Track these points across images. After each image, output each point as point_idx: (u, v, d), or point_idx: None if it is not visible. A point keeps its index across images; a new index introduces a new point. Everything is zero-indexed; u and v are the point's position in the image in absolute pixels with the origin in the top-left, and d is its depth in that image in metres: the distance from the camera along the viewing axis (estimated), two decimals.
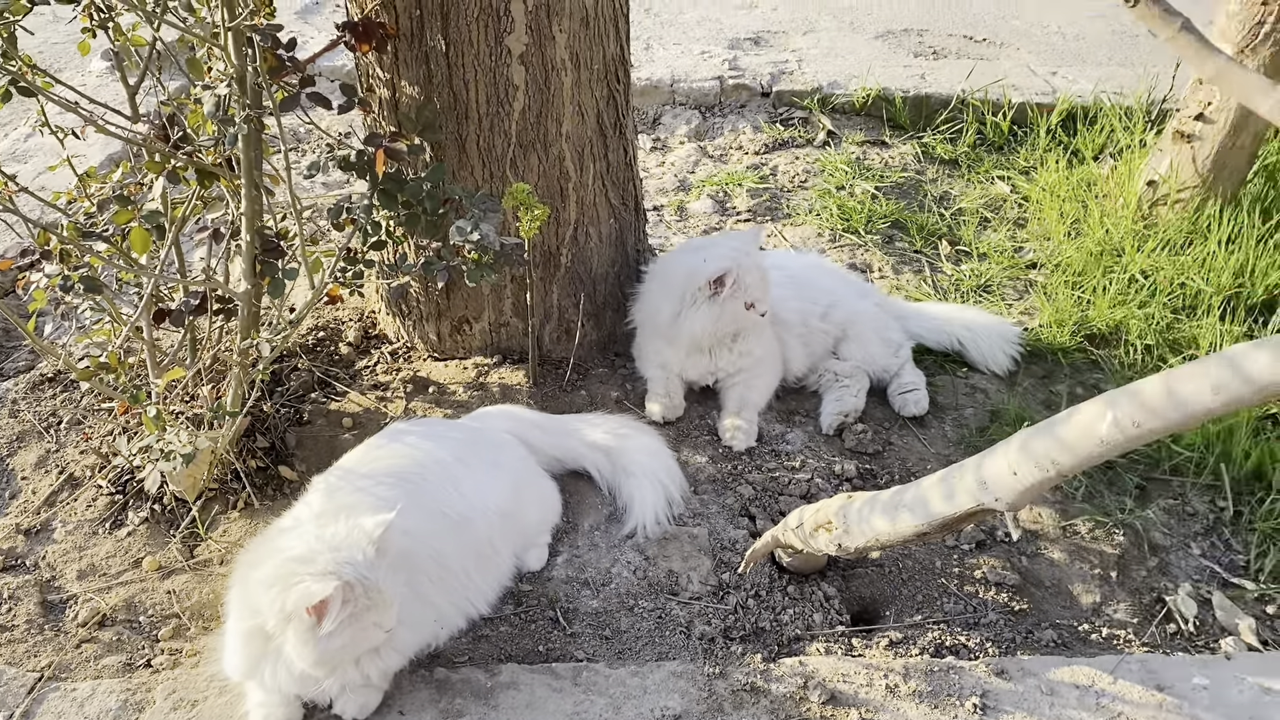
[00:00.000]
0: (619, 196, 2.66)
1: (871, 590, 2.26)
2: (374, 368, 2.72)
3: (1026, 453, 1.36)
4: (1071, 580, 2.30)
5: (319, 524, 1.83)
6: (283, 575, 1.70)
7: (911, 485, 1.61)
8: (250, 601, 1.75)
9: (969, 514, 1.48)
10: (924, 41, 5.43)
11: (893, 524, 1.60)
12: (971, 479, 1.45)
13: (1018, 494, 1.38)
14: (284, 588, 1.67)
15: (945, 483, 1.51)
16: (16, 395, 2.54)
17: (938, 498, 1.51)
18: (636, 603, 2.15)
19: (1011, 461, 1.38)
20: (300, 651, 1.69)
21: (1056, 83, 4.55)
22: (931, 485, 1.54)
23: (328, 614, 1.64)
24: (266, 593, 1.70)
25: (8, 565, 2.13)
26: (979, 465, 1.45)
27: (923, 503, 1.54)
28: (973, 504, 1.45)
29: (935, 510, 1.52)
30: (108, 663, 1.94)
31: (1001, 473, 1.40)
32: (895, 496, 1.62)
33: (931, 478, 1.57)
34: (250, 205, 2.06)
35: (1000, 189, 3.86)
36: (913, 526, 1.56)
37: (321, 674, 1.74)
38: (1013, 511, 1.42)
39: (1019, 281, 3.35)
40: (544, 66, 2.33)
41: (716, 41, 5.03)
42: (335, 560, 1.69)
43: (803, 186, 3.85)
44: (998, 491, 1.41)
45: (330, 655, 1.70)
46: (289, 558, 1.73)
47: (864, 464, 2.56)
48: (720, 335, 2.54)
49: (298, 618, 1.66)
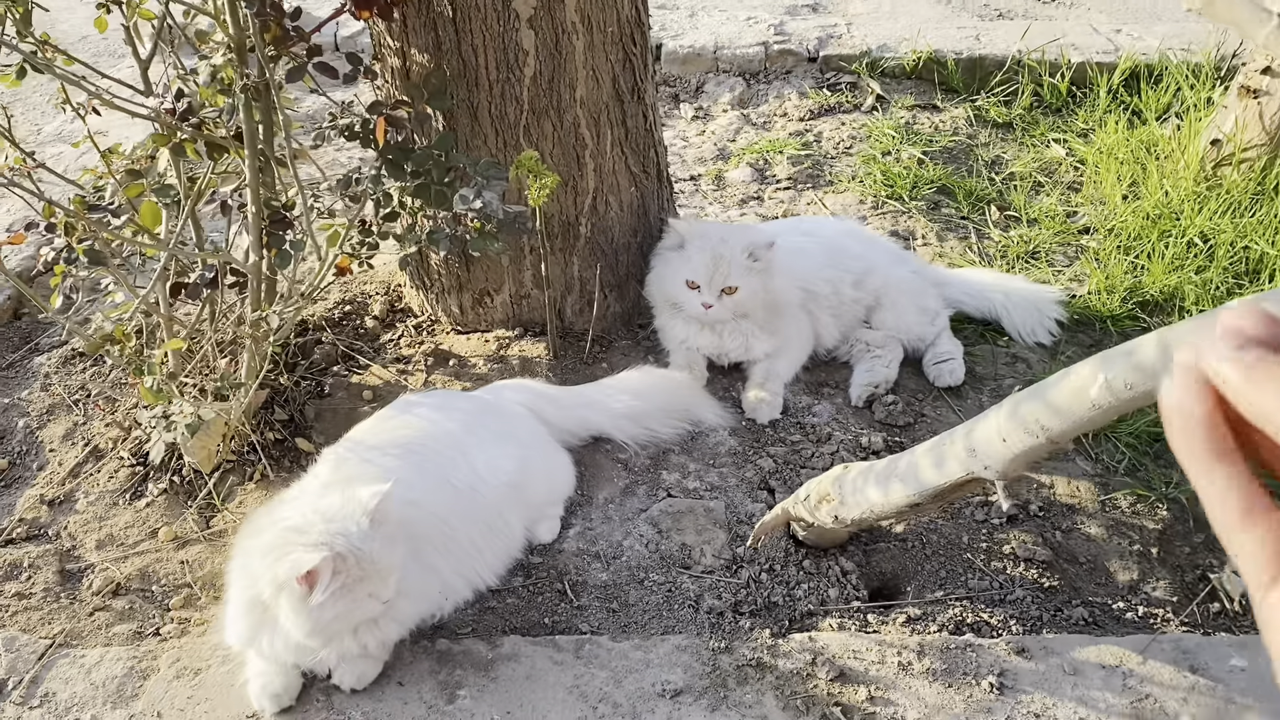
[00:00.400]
0: (639, 164, 2.61)
1: (893, 565, 2.18)
2: (398, 341, 2.72)
3: (1016, 418, 1.27)
4: (1109, 556, 2.19)
5: (319, 494, 1.84)
6: (277, 544, 1.70)
7: (905, 454, 1.53)
8: (249, 571, 1.76)
9: (960, 484, 1.40)
10: (989, 4, 5.23)
11: (885, 494, 1.52)
12: (961, 446, 1.37)
13: (1007, 461, 1.30)
14: (277, 557, 1.68)
15: (935, 450, 1.43)
16: (49, 369, 2.60)
17: (928, 466, 1.43)
18: (647, 576, 2.11)
19: (1001, 427, 1.30)
20: (293, 621, 1.69)
21: (1120, 40, 4.33)
22: (923, 453, 1.46)
23: (318, 584, 1.64)
24: (261, 561, 1.71)
25: (30, 535, 2.18)
26: (969, 432, 1.37)
27: (914, 472, 1.46)
28: (962, 472, 1.37)
29: (926, 479, 1.44)
30: (118, 630, 1.96)
31: (991, 439, 1.32)
32: (889, 466, 1.54)
33: (923, 445, 1.49)
34: (254, 176, 2.05)
35: (1056, 152, 3.70)
36: (905, 497, 1.48)
37: (316, 644, 1.74)
38: (1003, 480, 1.33)
39: (1070, 247, 3.20)
40: (554, 30, 2.28)
41: (770, 8, 4.91)
42: (328, 531, 1.69)
43: (847, 153, 3.73)
44: (987, 459, 1.33)
45: (323, 626, 1.69)
46: (285, 527, 1.73)
47: (893, 436, 2.47)
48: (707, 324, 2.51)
49: (289, 587, 1.66)
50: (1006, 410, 1.30)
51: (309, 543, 1.67)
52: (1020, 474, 1.33)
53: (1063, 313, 2.77)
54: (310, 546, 1.66)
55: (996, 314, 2.79)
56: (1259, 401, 0.41)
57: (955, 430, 1.43)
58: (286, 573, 1.64)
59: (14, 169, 2.13)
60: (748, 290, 2.45)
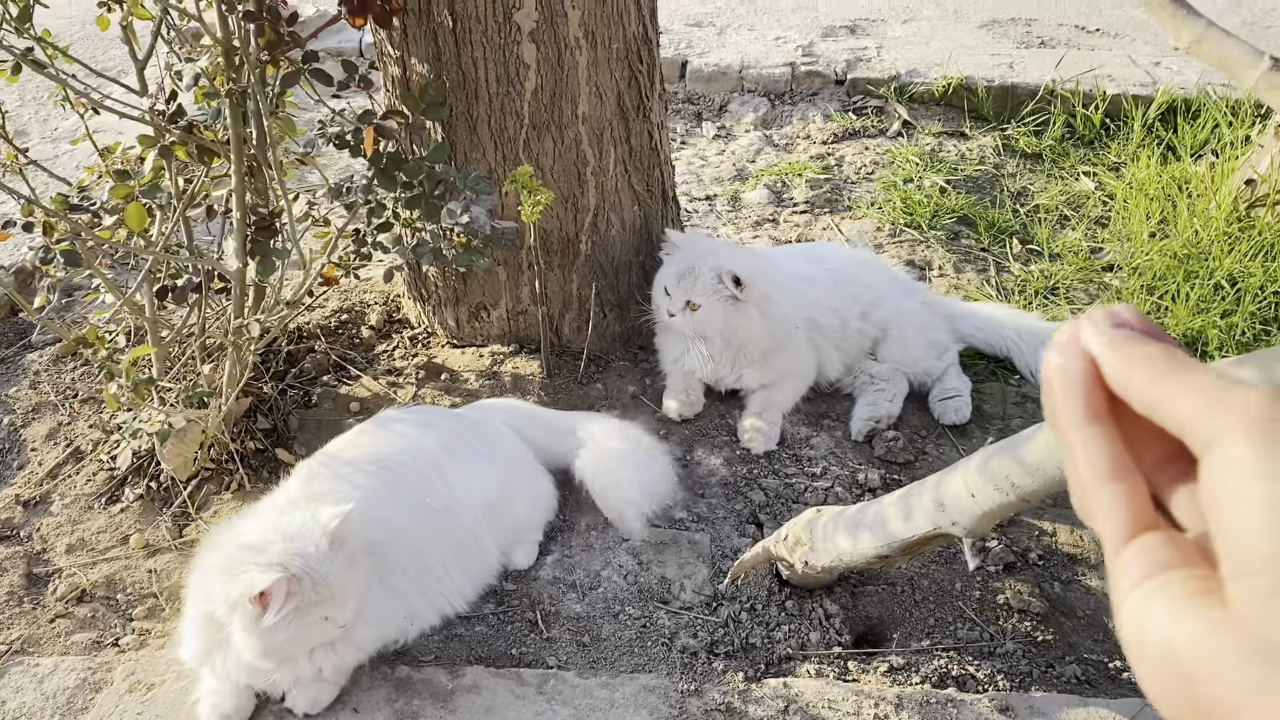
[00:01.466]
0: (643, 183, 2.55)
1: (880, 610, 2.09)
2: (392, 352, 2.67)
3: (985, 473, 1.19)
4: (1109, 612, 2.08)
5: (282, 511, 1.79)
6: (232, 562, 1.66)
7: (874, 502, 1.45)
8: (205, 587, 1.71)
9: (927, 537, 1.32)
10: (1031, 31, 5.13)
11: (854, 543, 1.44)
12: (929, 499, 1.29)
13: (976, 518, 1.22)
14: (232, 575, 1.63)
15: (904, 502, 1.35)
16: (39, 367, 2.58)
17: (895, 517, 1.35)
18: (622, 609, 2.04)
19: (969, 482, 1.22)
20: (245, 641, 1.64)
21: (1158, 73, 4.22)
22: (891, 504, 1.38)
23: (270, 605, 1.59)
24: (216, 579, 1.66)
25: (2, 535, 2.15)
26: (938, 484, 1.29)
27: (882, 522, 1.38)
28: (930, 527, 1.29)
29: (894, 531, 1.36)
30: (77, 639, 1.93)
31: (959, 494, 1.23)
32: (859, 513, 1.46)
33: (892, 495, 1.41)
34: (239, 182, 2.02)
35: (1084, 185, 3.59)
36: (873, 548, 1.40)
37: (268, 665, 1.69)
38: (971, 537, 1.25)
39: (1092, 285, 3.09)
40: (556, 45, 2.23)
41: (805, 30, 4.84)
42: (286, 551, 1.64)
43: (868, 178, 3.65)
44: (955, 514, 1.24)
45: (275, 647, 1.64)
46: (241, 544, 1.68)
47: (891, 474, 2.38)
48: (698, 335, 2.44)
49: (242, 607, 1.61)
50: (977, 464, 1.22)
51: (264, 562, 1.62)
52: (988, 531, 1.25)
53: None
54: (265, 567, 1.61)
55: (1008, 351, 2.69)
56: (1121, 372, 0.45)
57: (925, 481, 1.35)
58: (240, 592, 1.60)
59: (4, 165, 2.12)
60: (708, 312, 2.36)
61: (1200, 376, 0.43)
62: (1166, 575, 0.42)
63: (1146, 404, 0.44)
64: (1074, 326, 0.48)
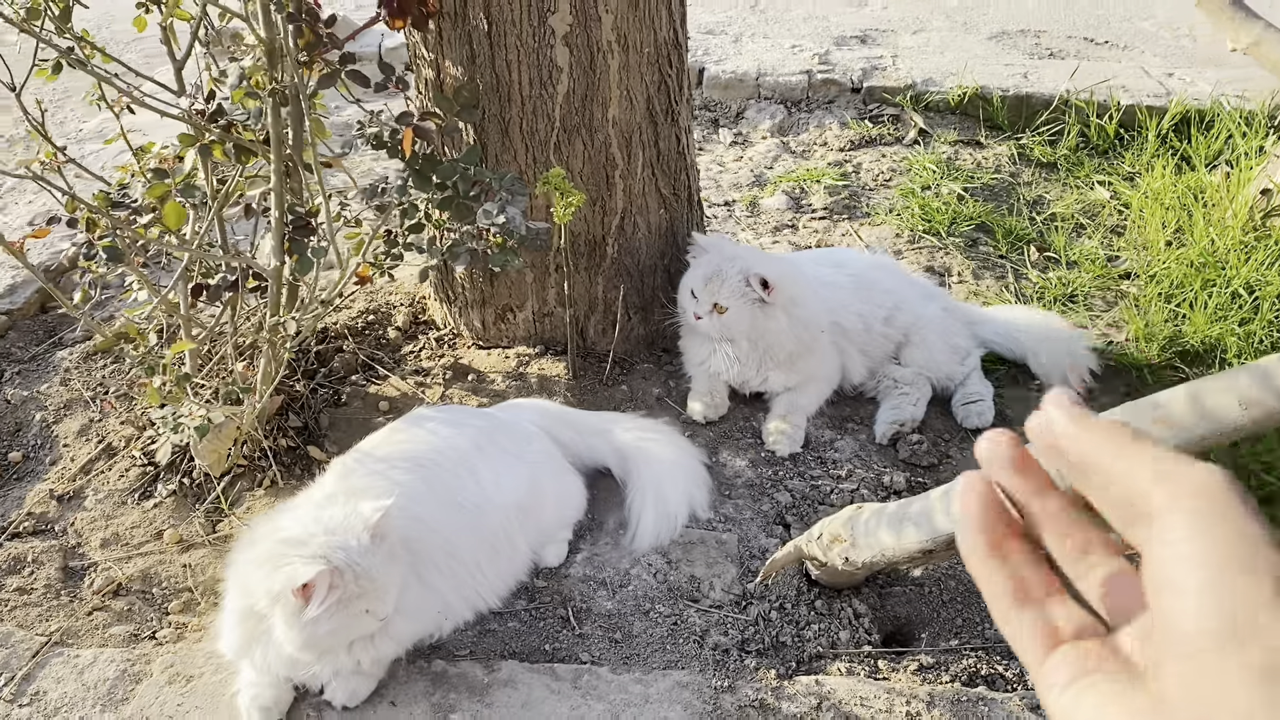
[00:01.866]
0: (670, 186, 2.57)
1: (908, 610, 2.11)
2: (419, 353, 2.70)
3: None
4: None
5: (321, 505, 1.81)
6: (274, 555, 1.67)
7: (919, 498, 1.47)
8: (245, 581, 1.73)
9: None
10: (1040, 43, 5.18)
11: (898, 539, 1.46)
12: None
13: None
14: (274, 568, 1.65)
15: (949, 497, 1.37)
16: (70, 364, 2.60)
17: (942, 511, 1.37)
18: (653, 607, 2.06)
19: None
20: (287, 634, 1.66)
21: (1172, 84, 4.25)
22: (938, 498, 1.40)
23: (313, 598, 1.61)
24: (258, 571, 1.68)
25: (37, 529, 2.17)
26: None
27: (927, 517, 1.40)
28: None
29: (940, 526, 1.38)
30: (115, 632, 1.94)
31: None
32: (902, 509, 1.48)
33: (938, 490, 1.43)
34: (279, 182, 2.04)
35: (1100, 194, 3.62)
36: (918, 543, 1.42)
37: (308, 658, 1.71)
38: None
39: (1109, 292, 3.12)
40: (589, 48, 2.26)
41: (818, 38, 4.88)
42: (328, 544, 1.66)
43: (886, 185, 3.68)
44: None
45: (316, 640, 1.66)
46: (283, 538, 1.70)
47: (916, 477, 2.41)
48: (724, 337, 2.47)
49: (284, 599, 1.62)
50: None
51: (307, 555, 1.64)
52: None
53: (1094, 360, 2.68)
54: (308, 559, 1.63)
55: (1025, 356, 2.71)
56: (1081, 441, 0.48)
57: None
58: (282, 584, 1.61)
59: (44, 163, 2.14)
60: (736, 314, 2.39)
61: (1151, 449, 0.46)
62: (1091, 678, 0.45)
63: (1108, 478, 0.46)
64: (968, 479, 0.53)
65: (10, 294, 2.78)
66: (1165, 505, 0.43)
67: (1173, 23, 5.48)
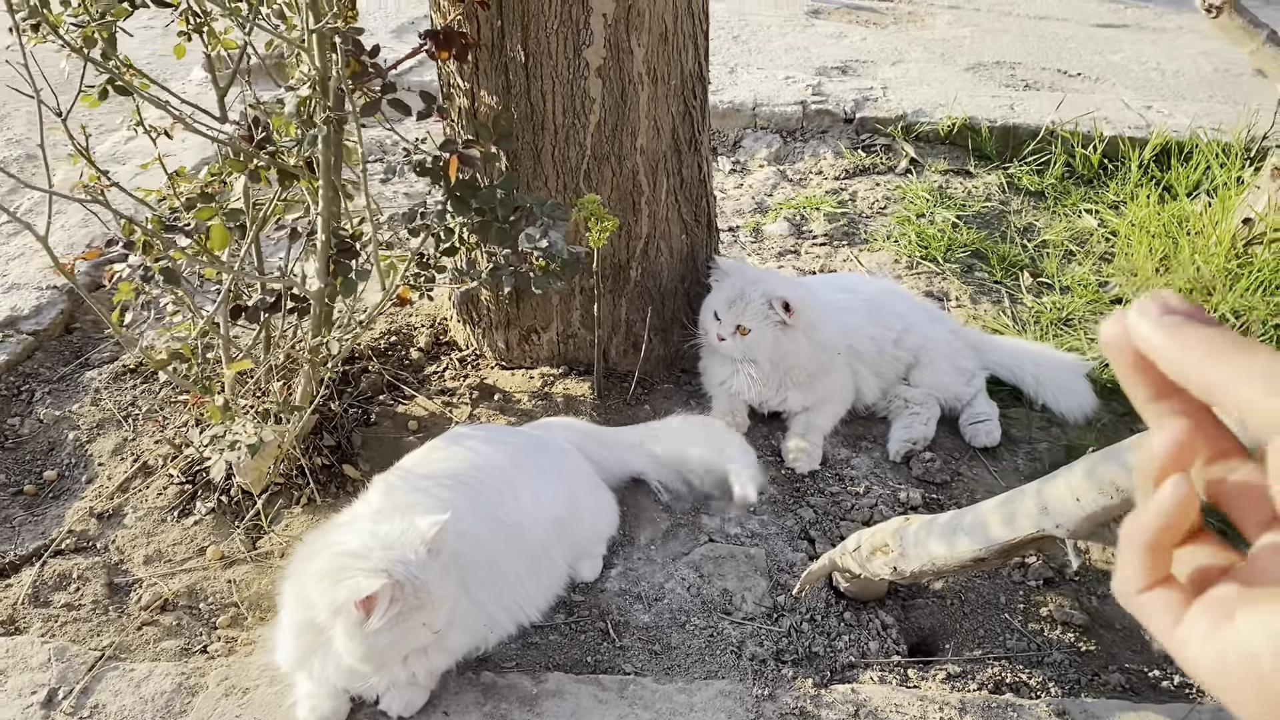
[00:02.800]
0: (691, 213, 2.66)
1: (931, 621, 2.19)
2: (442, 374, 2.75)
3: (1092, 479, 1.31)
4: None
5: (375, 521, 1.86)
6: (335, 569, 1.72)
7: (970, 509, 1.56)
8: (303, 594, 1.77)
9: (1029, 540, 1.43)
10: (1015, 75, 5.34)
11: (950, 548, 1.55)
12: (1032, 504, 1.40)
13: (1080, 520, 1.33)
14: (335, 581, 1.69)
15: (1006, 507, 1.46)
16: (100, 384, 2.63)
17: (997, 522, 1.46)
18: (688, 619, 2.13)
19: (1074, 487, 1.33)
20: (348, 646, 1.70)
21: (1151, 117, 4.42)
22: (991, 509, 1.49)
23: (375, 610, 1.66)
24: (318, 585, 1.72)
25: (79, 547, 2.20)
26: (1040, 490, 1.40)
27: (981, 527, 1.49)
28: (1033, 529, 1.40)
29: (994, 535, 1.47)
30: (166, 646, 1.98)
31: (1064, 498, 1.35)
32: (954, 520, 1.57)
33: (991, 501, 1.52)
34: (327, 206, 2.10)
35: (1087, 222, 3.76)
36: (970, 552, 1.51)
37: (368, 669, 1.75)
38: (1074, 539, 1.36)
39: (1103, 316, 3.24)
40: (621, 80, 2.34)
41: (803, 69, 5.01)
42: (388, 558, 1.71)
43: (881, 213, 3.80)
44: (1059, 518, 1.36)
45: (377, 651, 1.71)
46: (342, 551, 1.75)
47: (930, 493, 2.50)
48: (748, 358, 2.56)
49: (346, 611, 1.67)
50: (1081, 470, 1.34)
51: (368, 568, 1.69)
52: (1088, 534, 1.36)
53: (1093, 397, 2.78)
54: (370, 572, 1.68)
55: (1025, 384, 2.82)
56: (1178, 357, 0.44)
57: (1025, 488, 1.46)
58: (345, 597, 1.66)
59: (88, 186, 2.18)
60: (758, 336, 2.48)
61: (1262, 358, 0.42)
62: (1250, 605, 0.44)
63: (1206, 387, 0.43)
64: (1119, 321, 0.47)
65: (36, 315, 2.81)
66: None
67: (1139, 57, 5.68)
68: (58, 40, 2.00)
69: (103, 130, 3.87)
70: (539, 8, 2.23)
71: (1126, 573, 0.50)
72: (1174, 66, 5.45)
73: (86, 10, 2.03)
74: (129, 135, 3.69)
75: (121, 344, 2.60)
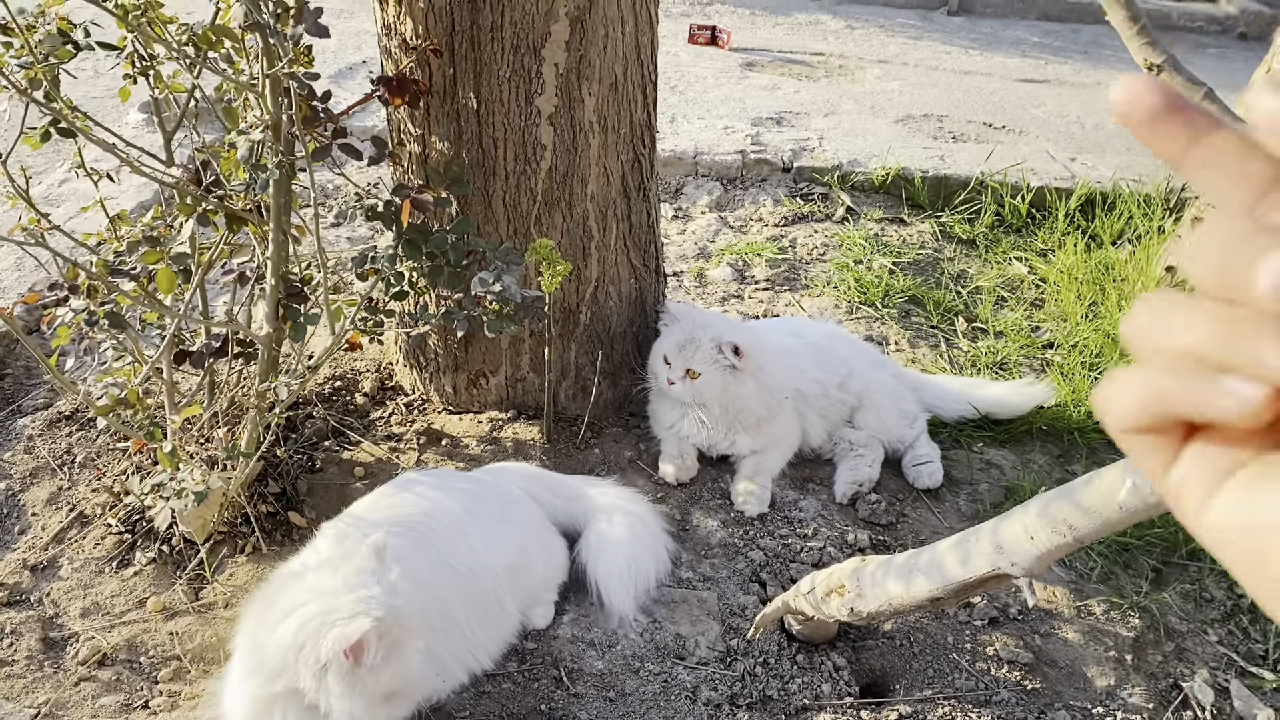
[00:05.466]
0: (640, 257, 2.69)
1: (882, 662, 2.22)
2: (388, 419, 2.73)
3: (1045, 517, 1.35)
4: (1086, 662, 2.25)
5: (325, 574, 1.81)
6: (311, 631, 1.65)
7: (926, 549, 1.59)
8: (272, 664, 1.69)
9: (984, 579, 1.46)
10: (943, 127, 5.50)
11: (907, 588, 1.57)
12: (987, 543, 1.44)
13: (1034, 559, 1.37)
14: (314, 642, 1.63)
15: (961, 547, 1.49)
16: (33, 432, 2.55)
17: (953, 561, 1.49)
18: (643, 665, 2.12)
19: (1028, 526, 1.37)
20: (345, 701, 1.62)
21: (1076, 168, 4.59)
22: (947, 549, 1.53)
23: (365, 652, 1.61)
24: (294, 653, 1.65)
25: (12, 600, 2.12)
26: (995, 529, 1.44)
27: (938, 566, 1.52)
28: (989, 568, 1.43)
29: (950, 574, 1.50)
30: (105, 702, 1.91)
31: (1018, 537, 1.38)
32: (910, 560, 1.60)
33: (947, 542, 1.55)
34: (277, 250, 2.08)
35: (1018, 269, 3.88)
36: (927, 590, 1.54)
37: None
38: (1028, 577, 1.40)
39: (1035, 360, 3.34)
40: (572, 128, 2.37)
41: (740, 119, 5.11)
42: (357, 599, 1.67)
43: (821, 259, 3.87)
44: (1014, 556, 1.39)
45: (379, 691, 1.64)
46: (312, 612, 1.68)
47: (877, 535, 2.53)
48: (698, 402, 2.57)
49: (335, 664, 1.61)
50: (1035, 509, 1.37)
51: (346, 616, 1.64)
52: (1042, 572, 1.40)
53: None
54: (348, 620, 1.63)
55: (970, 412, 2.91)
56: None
57: (980, 528, 1.50)
58: (330, 650, 1.60)
59: (27, 229, 2.14)
60: (708, 380, 2.50)
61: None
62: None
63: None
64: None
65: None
66: None
67: (1062, 110, 5.89)
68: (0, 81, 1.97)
69: (34, 174, 3.79)
70: (491, 56, 2.25)
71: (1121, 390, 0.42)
72: (1094, 120, 5.67)
73: (31, 52, 2.00)
74: (63, 178, 3.62)
75: (59, 390, 2.53)
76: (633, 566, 2.26)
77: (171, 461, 1.89)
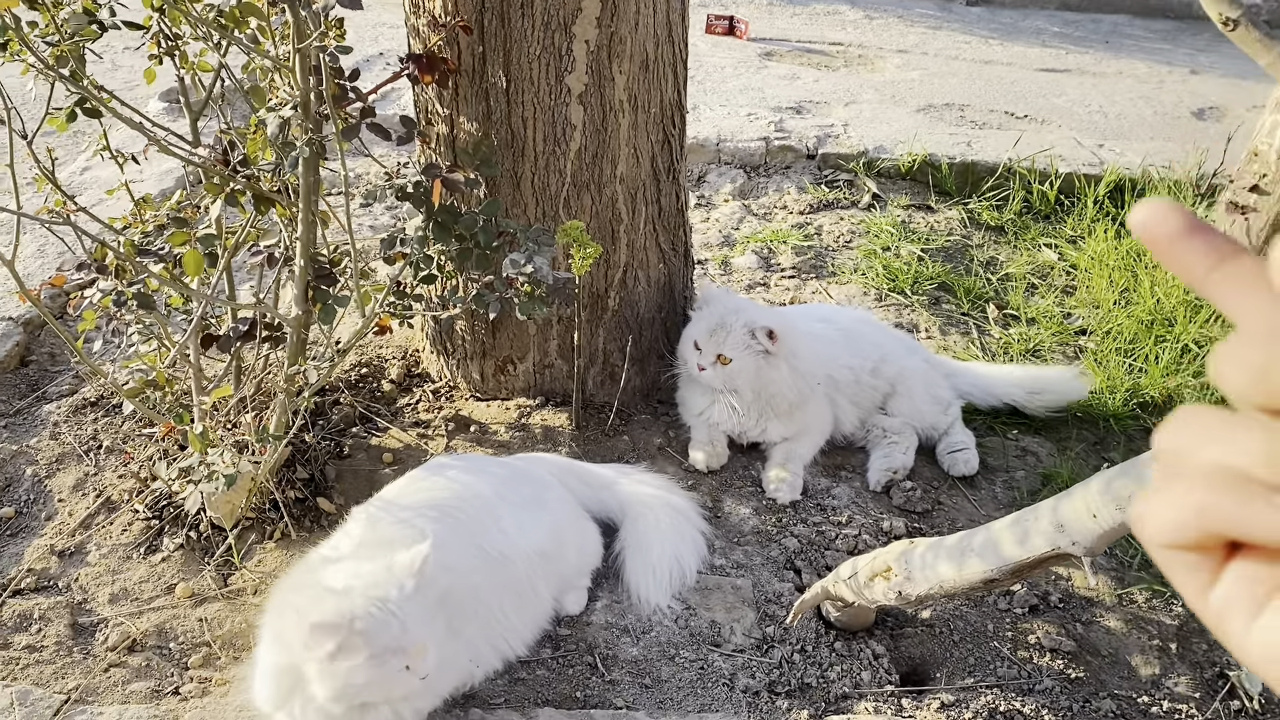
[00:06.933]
0: (669, 242, 2.65)
1: (921, 650, 2.17)
2: (415, 405, 2.69)
3: (1109, 494, 1.30)
4: (1129, 650, 2.20)
5: (358, 558, 1.80)
6: (313, 603, 1.65)
7: (980, 529, 1.54)
8: (281, 634, 1.70)
9: (1043, 559, 1.42)
10: (965, 116, 5.44)
11: (959, 570, 1.53)
12: (1047, 522, 1.39)
13: (1097, 538, 1.32)
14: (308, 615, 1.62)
15: (1019, 526, 1.45)
16: (59, 418, 2.52)
17: (1010, 541, 1.44)
18: (678, 652, 2.08)
19: (1090, 504, 1.32)
20: (318, 682, 1.63)
21: (1104, 155, 4.53)
22: (1003, 529, 1.48)
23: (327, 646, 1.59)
24: (296, 621, 1.65)
25: (40, 586, 2.10)
26: (1055, 507, 1.39)
27: (993, 547, 1.47)
28: (1048, 548, 1.39)
29: (1007, 554, 1.45)
30: (135, 688, 1.88)
31: (1080, 515, 1.34)
32: (962, 541, 1.55)
33: (1003, 521, 1.50)
34: (306, 230, 2.05)
35: (1048, 256, 3.83)
36: (981, 572, 1.49)
37: (338, 710, 1.67)
38: (1090, 556, 1.35)
39: (1068, 347, 3.29)
40: (602, 107, 2.33)
41: (760, 107, 5.06)
42: (369, 597, 1.65)
43: (847, 246, 3.83)
44: (1075, 535, 1.35)
45: (351, 692, 1.63)
46: (325, 589, 1.68)
47: (913, 522, 2.49)
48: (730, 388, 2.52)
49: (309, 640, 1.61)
50: (1097, 487, 1.33)
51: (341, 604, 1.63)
52: (1104, 550, 1.35)
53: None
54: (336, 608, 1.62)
55: (1008, 401, 2.86)
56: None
57: (1038, 506, 1.45)
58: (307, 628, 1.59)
59: (54, 211, 2.11)
60: (740, 366, 2.46)
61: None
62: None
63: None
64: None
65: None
66: None
67: (1084, 99, 5.82)
68: (25, 60, 1.94)
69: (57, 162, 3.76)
70: (521, 34, 2.22)
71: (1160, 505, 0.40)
72: (1116, 110, 5.60)
73: (58, 30, 1.97)
74: (85, 166, 3.60)
75: (85, 376, 2.51)
76: (674, 570, 2.23)
77: (201, 443, 1.86)
